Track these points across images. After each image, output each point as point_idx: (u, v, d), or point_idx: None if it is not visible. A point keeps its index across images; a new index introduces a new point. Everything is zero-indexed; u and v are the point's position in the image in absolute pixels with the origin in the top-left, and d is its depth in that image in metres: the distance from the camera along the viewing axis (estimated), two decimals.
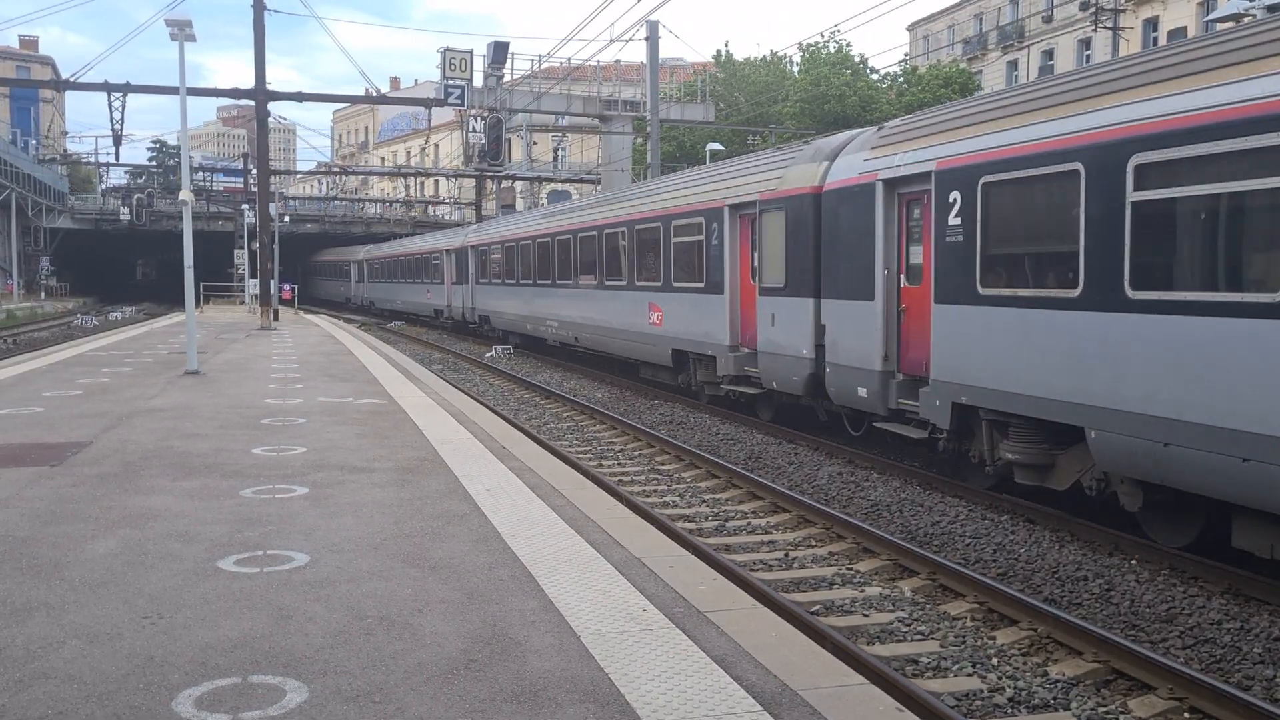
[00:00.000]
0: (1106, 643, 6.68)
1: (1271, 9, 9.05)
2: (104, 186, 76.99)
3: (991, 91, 12.42)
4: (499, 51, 39.07)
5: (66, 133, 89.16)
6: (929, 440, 11.33)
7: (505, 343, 30.87)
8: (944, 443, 11.01)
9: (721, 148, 38.94)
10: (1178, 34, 46.82)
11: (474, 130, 40.89)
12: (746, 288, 15.74)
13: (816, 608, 7.71)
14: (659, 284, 18.80)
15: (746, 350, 15.73)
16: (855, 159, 12.62)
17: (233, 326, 32.50)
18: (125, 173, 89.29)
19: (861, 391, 12.18)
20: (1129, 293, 8.32)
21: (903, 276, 11.69)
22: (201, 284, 40.21)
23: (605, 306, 21.78)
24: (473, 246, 34.88)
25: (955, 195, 10.33)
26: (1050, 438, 9.48)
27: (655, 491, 11.82)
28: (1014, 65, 62.51)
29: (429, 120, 44.73)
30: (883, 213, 11.77)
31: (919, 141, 11.28)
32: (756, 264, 15.15)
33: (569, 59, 53.39)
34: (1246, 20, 8.98)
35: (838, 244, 12.83)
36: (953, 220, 10.38)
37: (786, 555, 9.19)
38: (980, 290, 10.05)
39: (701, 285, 16.94)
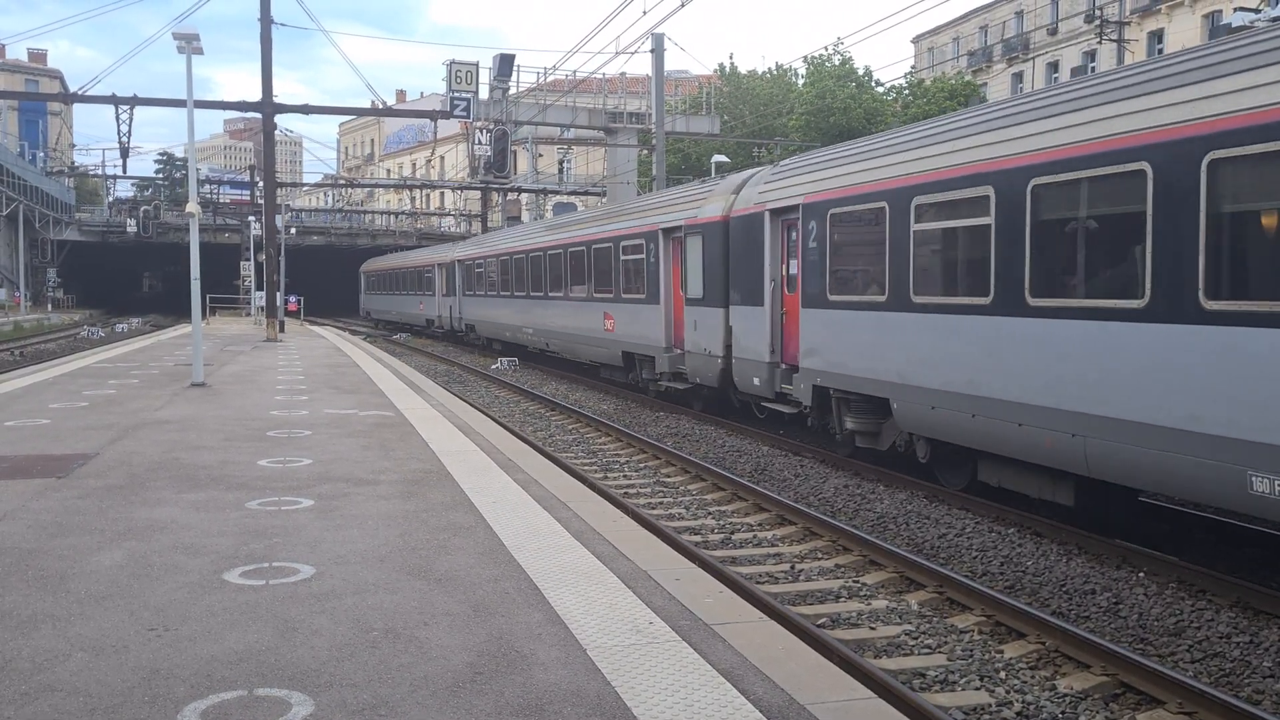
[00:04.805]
0: (1115, 656, 6.65)
1: (1276, 20, 9.04)
2: (111, 199, 77.29)
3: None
4: (504, 64, 39.22)
5: (74, 145, 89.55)
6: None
7: (494, 350, 32.87)
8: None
9: (727, 160, 38.97)
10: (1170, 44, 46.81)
11: (479, 142, 41.03)
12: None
13: (823, 620, 7.68)
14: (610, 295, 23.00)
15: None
16: (751, 192, 16.21)
17: (239, 338, 32.57)
18: (132, 185, 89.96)
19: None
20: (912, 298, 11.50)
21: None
22: (207, 296, 40.31)
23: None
24: (459, 261, 37.99)
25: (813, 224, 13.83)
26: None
27: (661, 504, 11.80)
28: (1019, 78, 62.58)
29: (434, 133, 44.74)
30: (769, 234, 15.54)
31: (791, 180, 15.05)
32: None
33: (574, 71, 53.55)
34: (1250, 31, 8.97)
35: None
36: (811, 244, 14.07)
37: (793, 568, 9.16)
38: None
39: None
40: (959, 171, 10.54)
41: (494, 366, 29.00)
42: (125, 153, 33.68)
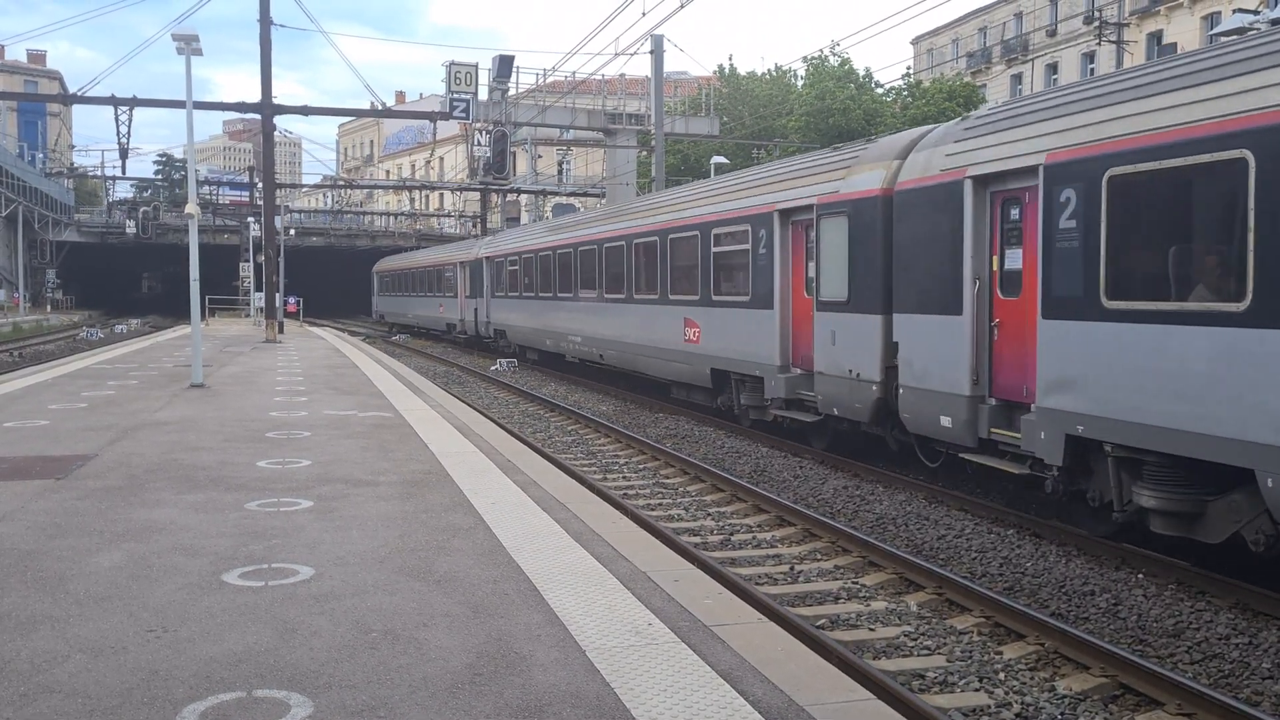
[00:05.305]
0: (1114, 657, 6.65)
1: (1276, 22, 9.04)
2: (110, 200, 77.31)
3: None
4: (504, 65, 39.27)
5: (74, 146, 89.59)
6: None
7: (513, 357, 30.92)
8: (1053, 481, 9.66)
9: (726, 161, 39.02)
10: (1181, 45, 46.89)
11: (479, 144, 41.07)
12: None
13: (822, 622, 7.68)
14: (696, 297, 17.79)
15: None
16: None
17: (238, 339, 32.57)
18: (131, 186, 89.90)
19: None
20: None
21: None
22: (207, 297, 40.30)
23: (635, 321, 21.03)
24: (487, 258, 34.03)
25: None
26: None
27: (660, 505, 11.80)
28: (1018, 79, 62.63)
29: (434, 134, 44.81)
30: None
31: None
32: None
33: (574, 73, 53.65)
34: (1250, 33, 8.97)
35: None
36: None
37: (792, 569, 9.16)
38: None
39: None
40: None
41: (493, 368, 29.01)
42: (124, 154, 33.65)
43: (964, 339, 10.65)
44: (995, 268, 10.54)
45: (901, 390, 11.69)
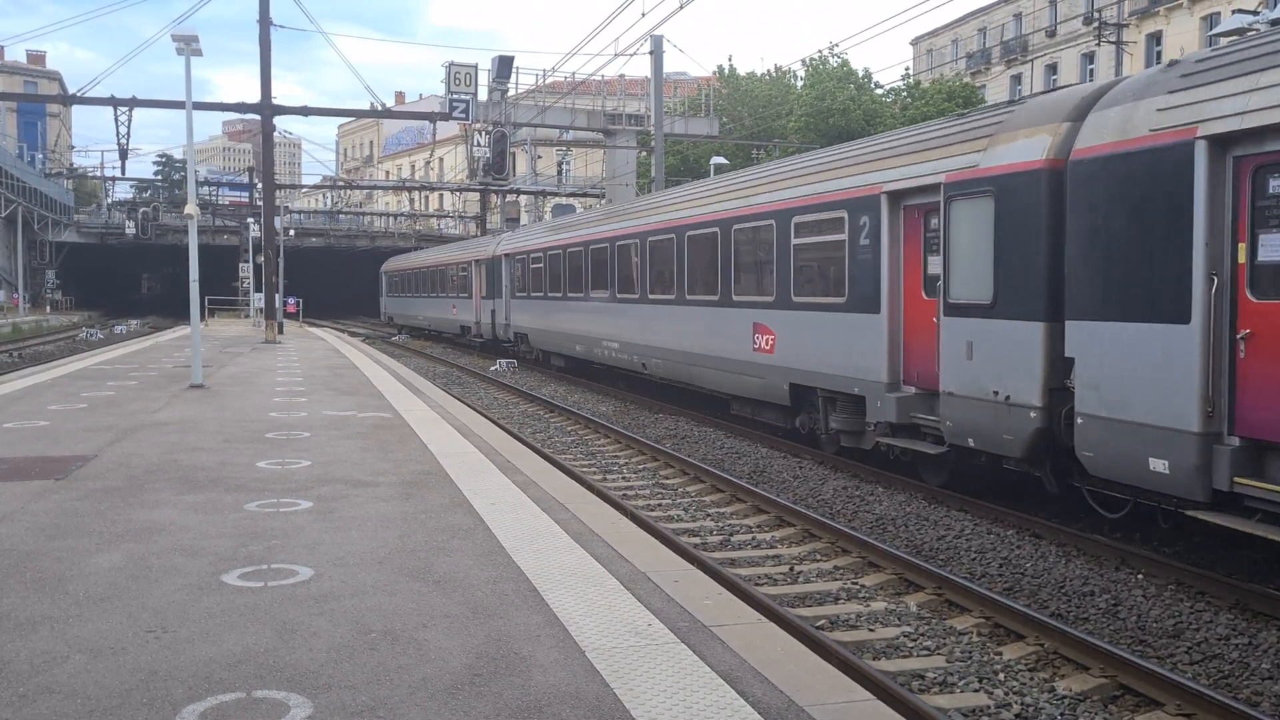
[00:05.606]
0: (1114, 658, 6.65)
1: (1275, 23, 9.04)
2: (110, 200, 77.35)
3: None
4: (503, 66, 39.26)
5: (73, 147, 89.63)
6: None
7: (534, 360, 29.45)
8: None
9: (726, 161, 39.03)
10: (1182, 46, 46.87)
11: (478, 144, 41.10)
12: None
13: (822, 622, 7.68)
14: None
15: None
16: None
17: (238, 340, 32.56)
18: (131, 187, 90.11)
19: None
20: None
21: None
22: (206, 298, 40.28)
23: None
24: (506, 256, 31.29)
25: None
26: None
27: (660, 506, 11.80)
28: (1018, 79, 62.65)
29: (434, 134, 44.85)
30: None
31: None
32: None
33: (573, 73, 53.71)
34: (1251, 34, 8.96)
35: None
36: None
37: (792, 569, 9.16)
38: None
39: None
40: None
41: (492, 368, 29.01)
42: (124, 154, 33.66)
43: (1191, 355, 8.02)
44: (1243, 260, 7.88)
45: (1080, 420, 9.10)
